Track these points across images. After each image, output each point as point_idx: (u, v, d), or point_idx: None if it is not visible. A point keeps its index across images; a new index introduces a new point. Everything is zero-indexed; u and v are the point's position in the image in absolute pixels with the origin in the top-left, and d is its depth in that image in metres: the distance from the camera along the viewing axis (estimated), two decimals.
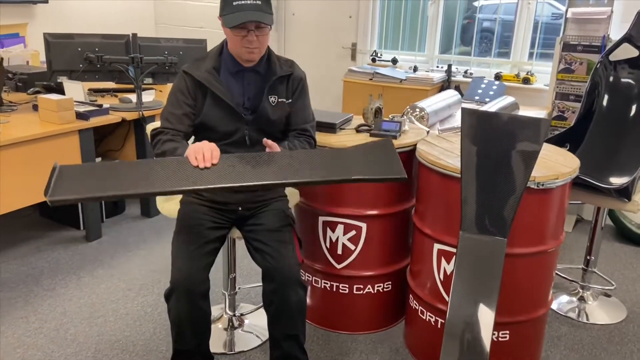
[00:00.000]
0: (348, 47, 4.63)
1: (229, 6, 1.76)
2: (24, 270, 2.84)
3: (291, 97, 1.97)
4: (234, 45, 1.83)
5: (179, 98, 1.87)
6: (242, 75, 1.90)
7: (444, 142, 2.22)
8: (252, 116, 1.90)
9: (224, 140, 1.89)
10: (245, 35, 1.78)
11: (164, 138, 1.83)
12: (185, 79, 1.86)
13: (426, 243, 2.08)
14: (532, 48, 3.95)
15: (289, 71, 1.94)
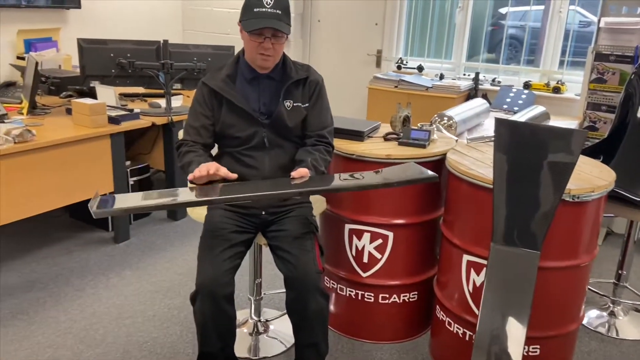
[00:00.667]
0: (373, 54, 4.63)
1: (249, 12, 1.81)
2: (54, 270, 2.90)
3: (308, 101, 1.98)
4: (250, 50, 1.87)
5: (196, 110, 1.94)
6: (257, 81, 1.94)
7: (475, 152, 2.20)
8: (268, 120, 1.93)
9: (244, 145, 1.94)
10: (261, 41, 1.82)
11: (184, 150, 1.92)
12: (202, 90, 1.93)
13: (455, 254, 2.06)
14: (561, 56, 3.89)
15: (304, 75, 1.96)
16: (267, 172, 1.95)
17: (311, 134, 2.00)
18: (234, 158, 1.97)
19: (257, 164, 1.94)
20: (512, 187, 1.74)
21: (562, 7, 3.76)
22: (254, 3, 1.81)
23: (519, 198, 1.74)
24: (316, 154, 1.94)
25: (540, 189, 1.70)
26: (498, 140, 1.74)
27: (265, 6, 1.80)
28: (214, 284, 1.81)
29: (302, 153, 1.96)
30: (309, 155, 1.93)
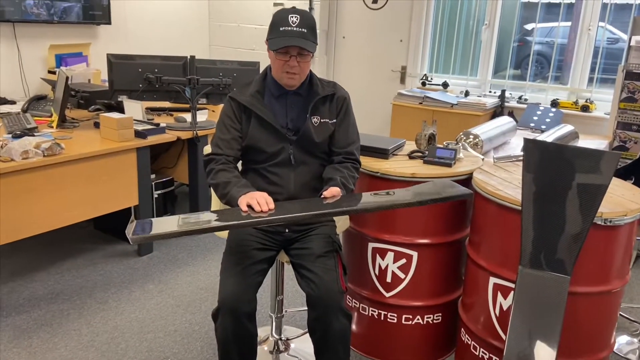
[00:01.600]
0: (397, 70, 4.62)
1: (276, 31, 1.82)
2: (78, 282, 2.93)
3: (335, 117, 1.98)
4: (276, 69, 1.88)
5: (226, 123, 1.94)
6: (284, 98, 1.94)
7: (502, 172, 2.16)
8: (295, 136, 1.93)
9: (270, 161, 1.93)
10: (287, 60, 1.83)
11: (216, 167, 1.88)
12: (231, 104, 1.94)
13: (481, 275, 2.02)
14: (590, 73, 3.83)
15: (331, 91, 1.97)
16: (292, 190, 1.94)
17: (338, 150, 1.99)
18: (258, 174, 1.96)
19: (282, 181, 1.93)
20: (541, 209, 1.70)
21: (591, 24, 3.71)
22: (280, 22, 1.81)
23: (548, 220, 1.70)
24: (344, 172, 1.93)
25: (570, 211, 1.66)
26: (527, 161, 1.71)
27: (291, 25, 1.80)
28: (236, 301, 1.79)
29: (330, 171, 1.95)
30: (338, 173, 1.92)
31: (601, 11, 3.68)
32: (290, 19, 1.81)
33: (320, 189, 1.94)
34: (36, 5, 3.84)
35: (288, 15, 1.81)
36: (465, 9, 4.31)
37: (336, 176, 1.89)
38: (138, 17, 4.57)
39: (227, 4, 5.12)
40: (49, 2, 3.90)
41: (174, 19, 4.92)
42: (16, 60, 3.96)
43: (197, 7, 5.15)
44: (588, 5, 3.71)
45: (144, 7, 4.59)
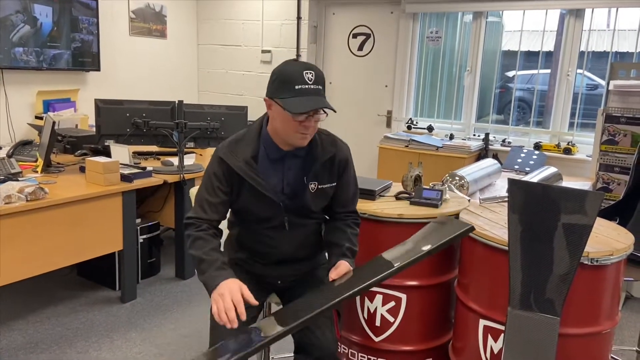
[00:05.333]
0: (383, 115, 4.70)
1: (290, 90, 1.62)
2: (58, 331, 2.83)
3: (336, 180, 1.84)
4: (288, 129, 1.67)
5: (214, 184, 1.75)
6: (282, 161, 1.77)
7: (488, 212, 2.17)
8: (291, 202, 1.79)
9: (262, 224, 1.82)
10: (303, 121, 1.65)
11: (194, 234, 1.72)
12: (221, 166, 1.74)
13: (471, 318, 1.99)
14: (571, 118, 3.93)
15: (331, 152, 1.80)
16: (286, 251, 1.85)
17: (340, 210, 1.89)
18: (250, 232, 1.86)
19: (276, 243, 1.84)
20: (528, 249, 1.70)
21: (570, 70, 3.83)
22: (295, 79, 1.61)
23: (536, 261, 1.70)
24: (348, 233, 1.84)
25: (557, 251, 1.66)
26: (512, 201, 1.72)
27: (307, 82, 1.62)
28: None
29: (333, 233, 1.85)
30: (343, 237, 1.82)
31: (579, 59, 3.81)
32: (305, 76, 1.62)
33: (315, 245, 1.89)
34: (25, 53, 3.88)
35: (303, 72, 1.62)
36: (448, 55, 4.44)
37: (342, 242, 1.80)
38: (127, 63, 4.64)
39: (215, 50, 5.23)
40: (38, 49, 3.95)
41: (163, 65, 5.00)
42: (3, 106, 3.97)
43: (186, 53, 5.25)
44: (566, 53, 3.84)
45: (133, 53, 4.67)
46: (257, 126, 1.79)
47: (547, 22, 3.95)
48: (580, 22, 3.78)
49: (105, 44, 4.36)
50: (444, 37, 4.39)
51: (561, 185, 3.02)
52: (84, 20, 4.20)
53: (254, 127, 1.79)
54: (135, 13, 4.65)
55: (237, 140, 1.78)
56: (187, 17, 5.21)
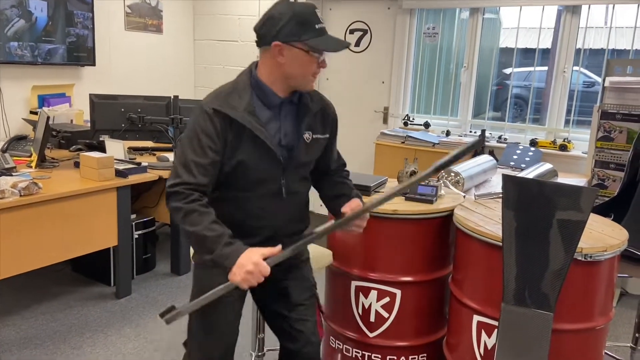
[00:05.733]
0: (380, 111, 4.69)
1: (312, 30, 1.53)
2: (52, 326, 2.82)
3: (329, 133, 1.77)
4: (307, 72, 1.57)
5: (203, 143, 1.52)
6: (279, 108, 1.63)
7: (482, 208, 2.17)
8: (288, 157, 1.65)
9: (256, 189, 1.62)
10: (321, 61, 1.57)
11: (186, 207, 1.48)
12: (213, 119, 1.53)
13: (465, 314, 1.99)
14: (567, 115, 3.93)
15: (322, 104, 1.73)
16: (277, 225, 1.68)
17: (336, 164, 1.85)
18: (235, 204, 1.63)
19: (267, 214, 1.65)
20: (522, 245, 1.70)
21: (566, 66, 3.82)
22: (313, 19, 1.53)
23: (530, 256, 1.69)
24: (349, 183, 1.83)
25: (550, 247, 1.66)
26: (506, 197, 1.71)
27: (322, 22, 1.56)
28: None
29: (336, 187, 1.81)
30: (347, 187, 1.81)
31: (576, 56, 3.81)
32: (318, 15, 1.55)
33: (305, 219, 1.78)
34: (20, 47, 3.86)
35: (314, 10, 1.55)
36: (445, 52, 4.43)
37: (349, 191, 1.78)
38: (123, 58, 4.61)
39: (212, 46, 5.21)
40: (33, 44, 3.92)
41: (159, 61, 4.97)
42: None
43: (182, 49, 5.23)
44: (562, 50, 3.83)
45: (129, 49, 4.64)
46: (245, 78, 1.62)
47: (545, 19, 3.94)
48: (576, 19, 3.77)
49: (100, 38, 4.33)
50: (441, 33, 4.37)
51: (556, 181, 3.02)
52: (79, 14, 4.18)
53: (242, 79, 1.62)
54: (130, 8, 4.63)
55: (227, 93, 1.58)
56: (183, 12, 5.18)
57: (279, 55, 1.54)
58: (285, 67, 1.56)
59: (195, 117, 1.55)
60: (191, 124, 1.56)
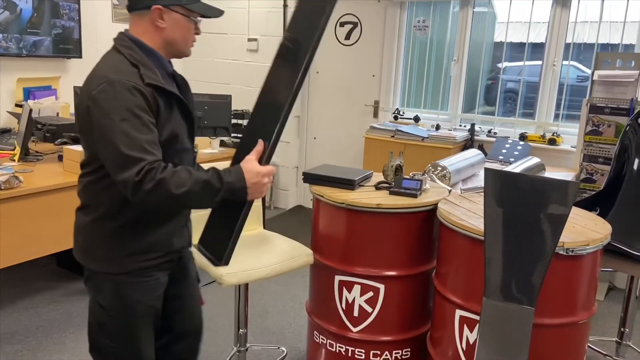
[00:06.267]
0: (370, 105, 4.66)
1: None
2: (35, 322, 2.79)
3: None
4: (188, 37, 1.52)
5: (145, 120, 1.37)
6: (174, 76, 1.57)
7: (467, 202, 2.15)
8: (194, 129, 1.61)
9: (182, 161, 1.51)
10: (197, 26, 1.55)
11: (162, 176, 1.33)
12: (143, 92, 1.38)
13: (448, 308, 1.97)
14: (557, 110, 3.91)
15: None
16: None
17: None
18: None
19: None
20: (503, 239, 1.68)
21: (555, 60, 3.81)
22: None
23: (511, 251, 1.68)
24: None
25: (531, 241, 1.64)
26: (487, 191, 1.70)
27: None
28: None
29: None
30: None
31: (567, 50, 3.79)
32: None
33: None
34: (5, 39, 3.80)
35: None
36: (436, 45, 4.41)
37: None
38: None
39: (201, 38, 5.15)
40: (18, 36, 3.87)
41: None
42: None
43: None
44: (552, 44, 3.81)
45: None
46: (133, 49, 1.46)
47: (537, 14, 3.91)
48: (566, 12, 3.75)
49: (87, 30, 4.28)
50: (432, 27, 4.34)
51: (541, 175, 3.01)
52: (65, 6, 4.12)
53: (130, 52, 1.45)
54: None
55: (134, 66, 1.42)
56: None
57: (159, 20, 1.47)
58: (166, 32, 1.48)
59: (115, 96, 1.35)
60: (117, 104, 1.35)
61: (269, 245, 2.24)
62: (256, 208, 2.41)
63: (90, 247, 1.52)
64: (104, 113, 1.34)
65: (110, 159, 1.35)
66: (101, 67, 1.44)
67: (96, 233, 1.50)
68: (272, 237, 2.33)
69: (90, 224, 1.50)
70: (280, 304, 3.13)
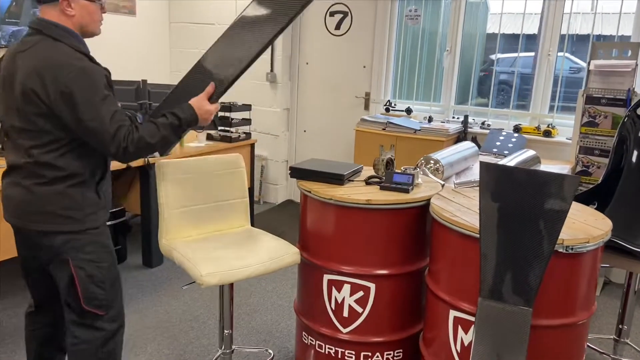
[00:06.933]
0: (361, 97, 4.56)
1: None
2: (13, 322, 2.69)
3: None
4: (97, 19, 1.74)
5: (112, 96, 1.67)
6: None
7: (461, 198, 2.06)
8: None
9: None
10: (102, 6, 1.76)
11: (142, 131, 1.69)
12: (104, 73, 1.68)
13: (441, 308, 1.89)
14: (552, 101, 3.83)
15: None
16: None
17: None
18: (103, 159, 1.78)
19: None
20: (499, 236, 1.60)
21: (550, 50, 3.72)
22: None
23: (507, 249, 1.59)
24: None
25: (529, 239, 1.56)
26: (483, 186, 1.61)
27: None
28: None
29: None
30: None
31: (562, 42, 3.70)
32: None
33: None
34: None
35: None
36: (428, 36, 4.31)
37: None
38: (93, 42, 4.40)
39: (188, 29, 5.03)
40: None
41: (132, 44, 4.78)
42: None
43: (157, 32, 5.04)
44: (547, 34, 3.72)
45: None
46: (65, 32, 1.65)
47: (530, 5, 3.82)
48: (561, 3, 3.66)
49: None
50: (424, 16, 4.24)
51: (539, 168, 2.93)
52: None
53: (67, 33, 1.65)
54: None
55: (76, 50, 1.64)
56: None
57: (68, 8, 1.65)
58: (76, 19, 1.67)
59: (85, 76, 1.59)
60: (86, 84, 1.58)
61: (254, 244, 2.14)
62: (243, 203, 2.31)
63: (68, 212, 1.67)
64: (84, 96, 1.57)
65: (96, 132, 1.60)
66: (56, 56, 1.60)
67: (73, 197, 1.67)
68: (258, 235, 2.24)
69: (65, 190, 1.65)
70: (269, 302, 3.04)
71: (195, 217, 2.18)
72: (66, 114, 1.57)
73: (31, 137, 1.61)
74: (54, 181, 1.64)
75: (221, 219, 2.25)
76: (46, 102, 1.57)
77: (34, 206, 1.65)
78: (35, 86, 1.56)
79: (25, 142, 1.62)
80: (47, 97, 1.56)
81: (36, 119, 1.59)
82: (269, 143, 4.86)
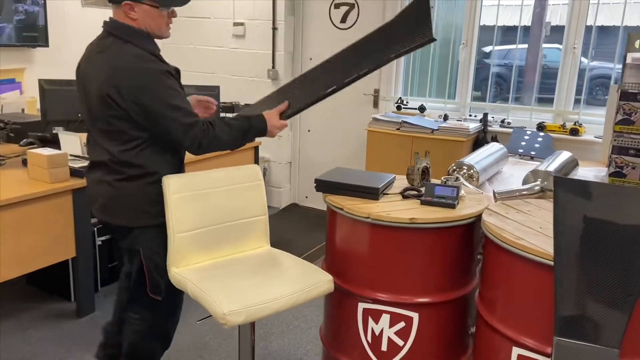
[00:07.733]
0: (370, 94, 4.29)
1: None
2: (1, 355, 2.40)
3: None
4: (162, 24, 1.78)
5: (182, 93, 1.77)
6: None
7: (514, 213, 1.81)
8: None
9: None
10: (168, 12, 1.78)
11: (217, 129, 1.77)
12: (173, 74, 1.77)
13: (498, 343, 1.64)
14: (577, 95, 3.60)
15: None
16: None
17: None
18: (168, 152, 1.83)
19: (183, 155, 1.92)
20: (580, 265, 1.35)
21: (576, 43, 3.48)
22: None
23: (590, 280, 1.35)
24: None
25: (618, 268, 1.31)
26: (561, 205, 1.36)
27: None
28: None
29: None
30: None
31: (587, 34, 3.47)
32: None
33: None
34: None
35: None
36: (441, 28, 4.04)
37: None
38: (80, 38, 4.05)
39: (182, 23, 4.71)
40: None
41: None
42: None
43: None
44: (572, 26, 3.48)
45: (87, 27, 4.11)
46: (138, 35, 1.74)
47: None
48: None
49: (53, 16, 3.81)
50: (438, 8, 3.98)
51: (577, 172, 2.70)
52: None
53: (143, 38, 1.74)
54: None
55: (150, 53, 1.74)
56: None
57: (131, 12, 1.71)
58: (139, 23, 1.73)
59: (156, 79, 1.68)
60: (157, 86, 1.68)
61: (278, 269, 1.87)
62: (262, 221, 2.03)
63: (144, 208, 1.80)
64: (156, 98, 1.67)
65: (170, 130, 1.70)
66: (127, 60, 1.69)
67: (150, 193, 1.79)
68: (280, 257, 1.97)
69: (143, 187, 1.77)
70: (285, 322, 2.78)
71: (209, 239, 1.90)
72: (142, 116, 1.68)
73: (110, 137, 1.72)
74: (133, 178, 1.75)
75: (238, 240, 1.97)
76: (122, 105, 1.66)
77: (118, 201, 1.77)
78: (110, 91, 1.65)
79: (105, 141, 1.74)
80: (122, 102, 1.65)
81: (113, 121, 1.69)
82: (271, 144, 4.58)
